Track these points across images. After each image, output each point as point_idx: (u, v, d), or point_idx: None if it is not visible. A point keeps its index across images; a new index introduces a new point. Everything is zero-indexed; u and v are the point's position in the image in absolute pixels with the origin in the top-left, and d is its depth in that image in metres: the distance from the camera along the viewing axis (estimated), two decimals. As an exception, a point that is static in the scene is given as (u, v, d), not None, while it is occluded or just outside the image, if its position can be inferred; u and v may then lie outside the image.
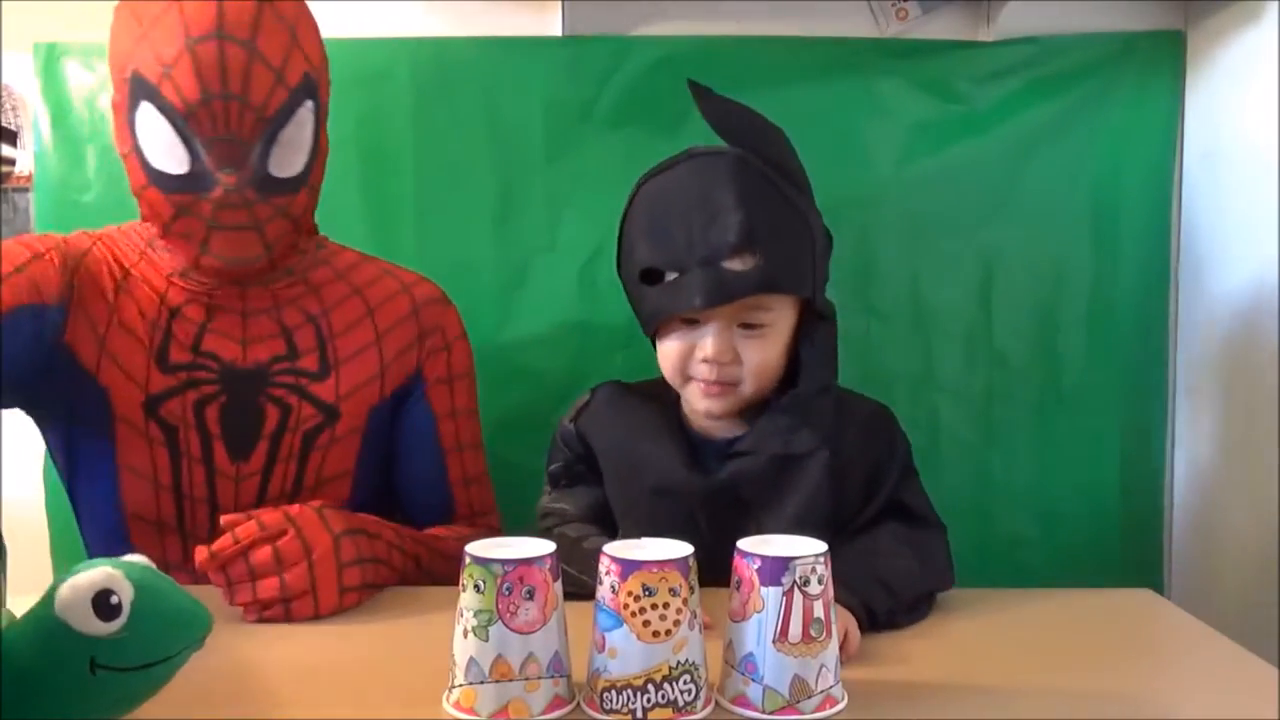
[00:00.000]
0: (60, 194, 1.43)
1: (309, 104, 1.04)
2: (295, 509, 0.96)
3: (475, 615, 0.71)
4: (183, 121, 0.98)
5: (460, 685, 0.72)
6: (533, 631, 0.71)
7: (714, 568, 0.77)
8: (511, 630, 0.70)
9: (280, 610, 0.92)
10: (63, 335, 1.04)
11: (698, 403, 0.99)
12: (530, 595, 0.70)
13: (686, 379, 0.99)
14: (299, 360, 1.10)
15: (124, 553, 0.69)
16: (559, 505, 1.07)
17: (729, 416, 1.00)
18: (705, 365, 0.96)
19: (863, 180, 1.44)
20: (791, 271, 0.95)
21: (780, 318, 0.97)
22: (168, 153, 0.99)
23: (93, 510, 1.11)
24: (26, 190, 1.48)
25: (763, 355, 0.96)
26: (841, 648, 0.83)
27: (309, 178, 1.07)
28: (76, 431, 1.08)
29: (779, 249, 0.93)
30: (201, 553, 0.91)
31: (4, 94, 1.48)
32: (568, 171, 1.45)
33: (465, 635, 0.71)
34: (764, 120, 0.99)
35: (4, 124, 1.48)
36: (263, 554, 0.91)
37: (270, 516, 0.94)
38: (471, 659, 0.71)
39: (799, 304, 0.98)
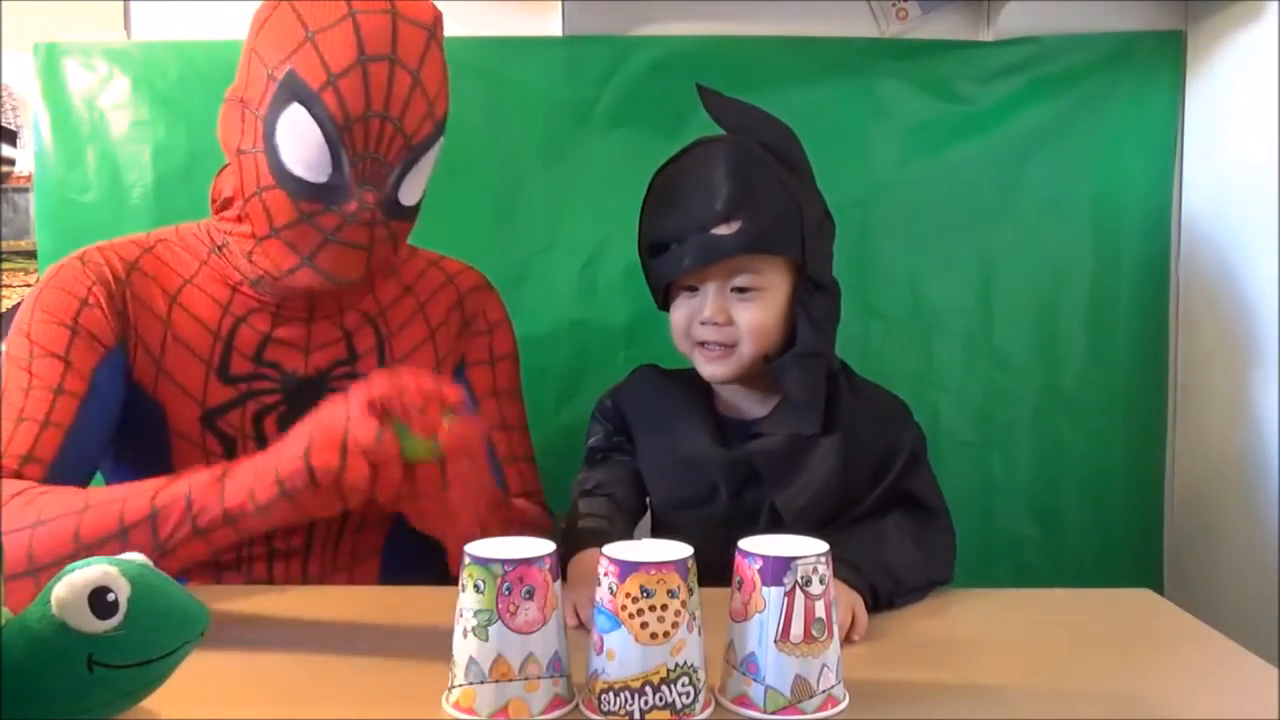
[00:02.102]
0: (60, 194, 1.43)
1: (440, 140, 1.04)
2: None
3: (475, 615, 0.70)
4: (336, 133, 0.95)
5: (460, 685, 0.72)
6: (532, 631, 0.70)
7: (731, 537, 0.77)
8: (511, 630, 0.70)
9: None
10: (132, 369, 1.04)
11: (703, 368, 1.06)
12: (530, 595, 0.70)
13: (692, 345, 1.06)
14: (358, 363, 1.09)
15: None
16: (590, 475, 1.10)
17: (734, 381, 1.06)
18: (703, 327, 1.03)
19: (863, 180, 1.44)
20: (775, 236, 1.01)
21: (772, 282, 1.03)
22: (311, 160, 0.96)
23: None
24: (26, 190, 1.48)
25: (755, 317, 1.02)
26: (851, 628, 0.87)
27: (419, 207, 1.07)
28: (126, 444, 1.07)
29: (762, 215, 1.00)
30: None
31: (4, 94, 1.48)
32: (567, 171, 1.45)
33: (465, 635, 0.71)
34: (765, 115, 1.06)
35: (4, 124, 1.48)
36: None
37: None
38: (471, 659, 0.71)
39: (792, 272, 1.04)
